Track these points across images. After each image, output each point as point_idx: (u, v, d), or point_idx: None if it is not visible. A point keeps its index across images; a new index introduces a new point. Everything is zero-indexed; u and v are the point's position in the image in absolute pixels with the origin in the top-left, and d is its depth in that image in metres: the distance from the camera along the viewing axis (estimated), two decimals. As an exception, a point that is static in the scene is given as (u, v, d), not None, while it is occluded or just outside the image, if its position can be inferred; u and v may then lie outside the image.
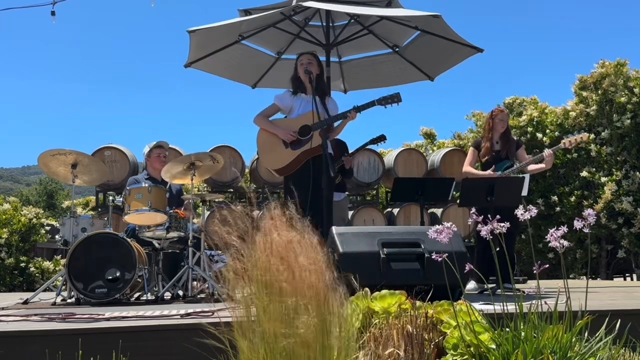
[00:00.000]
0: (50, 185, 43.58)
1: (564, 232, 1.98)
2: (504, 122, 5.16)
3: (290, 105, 4.63)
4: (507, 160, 5.15)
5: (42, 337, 2.45)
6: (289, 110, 4.65)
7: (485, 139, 5.23)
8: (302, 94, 4.63)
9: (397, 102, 4.48)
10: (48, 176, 7.64)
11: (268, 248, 1.77)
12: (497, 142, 5.21)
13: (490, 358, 1.95)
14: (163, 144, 5.40)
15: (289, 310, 1.73)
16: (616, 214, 8.74)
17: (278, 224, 1.81)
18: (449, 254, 2.07)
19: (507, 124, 5.21)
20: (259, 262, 1.77)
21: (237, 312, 1.81)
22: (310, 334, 1.70)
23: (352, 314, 2.16)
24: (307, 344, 1.70)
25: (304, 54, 4.74)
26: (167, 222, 4.57)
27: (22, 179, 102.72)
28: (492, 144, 5.18)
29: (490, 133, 5.20)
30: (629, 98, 8.97)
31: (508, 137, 5.22)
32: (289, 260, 1.75)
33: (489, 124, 5.23)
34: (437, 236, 2.11)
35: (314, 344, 1.71)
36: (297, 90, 4.64)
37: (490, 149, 5.17)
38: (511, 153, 5.17)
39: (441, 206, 8.53)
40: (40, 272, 8.00)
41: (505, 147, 5.16)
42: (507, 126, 5.21)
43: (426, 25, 5.57)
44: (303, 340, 1.70)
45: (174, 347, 2.45)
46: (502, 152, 5.17)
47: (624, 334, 2.11)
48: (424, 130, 13.01)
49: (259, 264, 1.77)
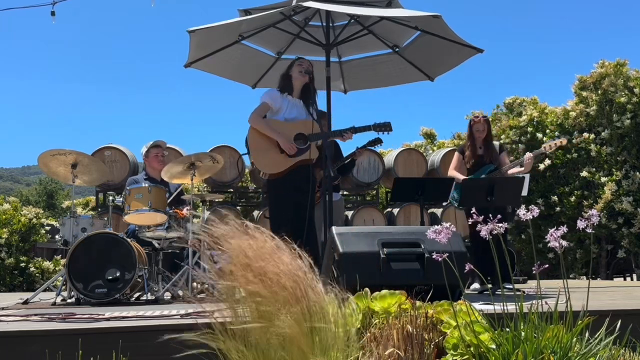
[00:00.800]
0: (50, 185, 43.57)
1: (563, 232, 1.98)
2: (479, 131, 5.37)
3: (279, 105, 4.65)
4: (490, 164, 5.32)
5: (42, 337, 2.45)
6: (277, 110, 4.65)
7: (467, 147, 5.46)
8: (289, 96, 4.66)
9: (388, 131, 4.74)
10: (48, 176, 7.64)
11: (239, 257, 1.81)
12: (480, 148, 5.41)
13: (490, 358, 1.95)
14: (160, 143, 5.40)
15: (266, 311, 1.76)
16: (616, 214, 8.74)
17: (233, 230, 1.85)
18: (449, 254, 2.07)
19: (486, 131, 5.39)
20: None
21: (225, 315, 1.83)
22: (296, 331, 1.72)
23: (352, 314, 2.16)
24: (296, 341, 1.71)
25: (304, 60, 4.80)
26: (167, 222, 4.57)
27: (22, 179, 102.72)
28: (475, 150, 5.40)
29: (469, 141, 5.44)
30: (629, 98, 8.97)
31: (489, 142, 5.40)
32: (251, 266, 1.79)
33: (469, 131, 5.46)
34: (436, 236, 2.11)
35: (304, 341, 1.72)
36: (284, 89, 4.67)
37: (472, 156, 5.38)
38: (494, 158, 5.36)
39: (441, 206, 8.53)
40: (40, 272, 8.00)
41: (488, 153, 5.35)
42: (487, 133, 5.39)
43: (426, 26, 5.56)
44: (291, 337, 1.72)
45: (173, 348, 2.45)
46: (485, 157, 5.36)
47: (625, 334, 2.11)
48: (424, 130, 13.02)
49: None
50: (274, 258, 1.81)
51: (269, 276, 1.77)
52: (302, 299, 1.77)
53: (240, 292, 1.83)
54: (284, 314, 1.75)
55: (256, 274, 1.78)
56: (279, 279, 1.76)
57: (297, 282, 1.78)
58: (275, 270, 1.77)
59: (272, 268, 1.77)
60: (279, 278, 1.77)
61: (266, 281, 1.76)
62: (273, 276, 1.77)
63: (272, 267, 1.78)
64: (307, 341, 1.74)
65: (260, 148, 4.59)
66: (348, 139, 4.66)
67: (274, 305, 1.75)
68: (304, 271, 1.83)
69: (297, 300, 1.76)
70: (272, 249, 1.83)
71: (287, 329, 1.73)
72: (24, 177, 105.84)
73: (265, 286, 1.76)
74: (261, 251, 1.82)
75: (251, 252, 1.81)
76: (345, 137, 4.63)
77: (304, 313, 1.76)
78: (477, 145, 5.38)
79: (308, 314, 1.76)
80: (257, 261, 1.79)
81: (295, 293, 1.76)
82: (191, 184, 4.71)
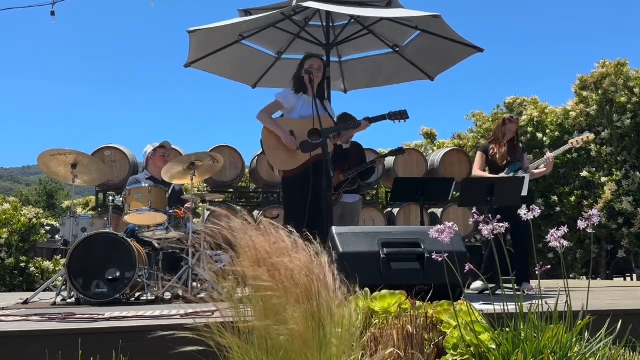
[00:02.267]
0: (50, 185, 43.59)
1: (564, 232, 1.98)
2: (512, 131, 5.34)
3: (292, 104, 4.62)
4: (518, 162, 5.32)
5: (42, 337, 2.45)
6: (291, 109, 4.64)
7: (497, 145, 5.38)
8: (304, 95, 4.63)
9: (404, 119, 4.63)
10: (48, 176, 7.65)
11: (250, 251, 1.80)
12: (509, 147, 5.37)
13: (491, 358, 1.94)
14: (166, 145, 5.44)
15: (276, 308, 1.75)
16: (616, 214, 8.73)
17: (253, 228, 1.85)
18: (449, 254, 2.07)
19: (516, 131, 5.38)
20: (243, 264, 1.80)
21: (229, 313, 1.82)
22: (302, 328, 1.72)
23: (353, 313, 2.16)
24: (301, 338, 1.71)
25: (315, 58, 4.72)
26: (167, 222, 4.57)
27: (22, 179, 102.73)
28: (507, 148, 5.34)
29: (500, 139, 5.37)
30: (629, 98, 8.96)
31: (515, 143, 5.39)
32: (272, 262, 1.78)
33: (501, 130, 5.38)
34: (439, 236, 2.10)
35: (309, 339, 1.72)
36: (299, 89, 4.64)
37: (504, 153, 5.32)
38: (520, 157, 5.37)
39: (441, 206, 8.53)
40: (40, 272, 8.00)
41: (516, 152, 5.35)
42: (516, 133, 5.38)
43: (426, 25, 5.57)
44: (297, 334, 1.72)
45: (173, 347, 2.44)
46: (513, 156, 5.34)
47: (625, 334, 2.11)
48: (425, 130, 13.01)
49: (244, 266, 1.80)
50: (288, 254, 1.80)
51: (282, 272, 1.76)
52: (314, 298, 1.76)
53: (244, 290, 1.82)
54: (293, 310, 1.74)
55: (269, 268, 1.77)
56: (293, 275, 1.76)
57: (312, 280, 1.77)
58: (290, 266, 1.76)
59: (287, 264, 1.76)
60: (292, 274, 1.76)
61: (277, 276, 1.75)
62: (286, 272, 1.76)
63: (288, 262, 1.77)
64: (313, 339, 1.74)
65: (273, 146, 4.56)
66: (363, 129, 4.60)
67: (284, 299, 1.74)
68: (321, 269, 1.82)
69: (309, 298, 1.75)
70: (286, 246, 1.82)
71: (294, 324, 1.72)
72: (24, 177, 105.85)
73: (277, 282, 1.75)
74: (275, 247, 1.81)
75: (266, 247, 1.80)
76: (361, 127, 4.58)
77: (314, 312, 1.75)
78: (508, 143, 5.35)
79: (317, 313, 1.76)
80: (271, 256, 1.78)
81: (308, 290, 1.75)
82: (191, 184, 4.71)
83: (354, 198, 5.47)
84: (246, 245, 1.81)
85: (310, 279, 1.77)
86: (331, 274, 1.83)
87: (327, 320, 1.77)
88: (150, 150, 5.37)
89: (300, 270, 1.77)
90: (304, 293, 1.75)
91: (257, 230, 1.84)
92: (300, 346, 1.73)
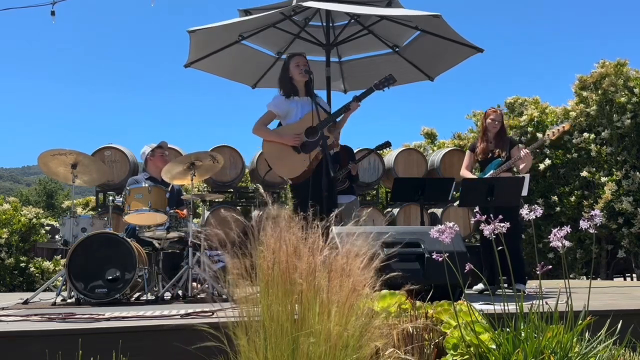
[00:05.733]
0: (50, 185, 43.58)
1: (566, 232, 1.98)
2: (494, 121, 5.19)
3: (286, 110, 4.53)
4: (499, 158, 5.16)
5: (42, 337, 2.45)
6: (285, 115, 4.55)
7: (480, 140, 5.30)
8: (296, 97, 4.54)
9: (392, 84, 4.59)
10: (48, 176, 7.64)
11: (283, 248, 1.83)
12: (491, 142, 5.24)
13: (491, 358, 1.94)
14: (163, 145, 5.43)
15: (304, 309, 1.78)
16: (616, 214, 8.73)
17: (289, 225, 1.88)
18: (450, 254, 2.07)
19: (500, 123, 5.23)
20: (267, 260, 1.82)
21: (239, 312, 1.82)
22: (336, 333, 1.75)
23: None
24: (331, 343, 1.74)
25: (297, 56, 4.64)
26: (167, 222, 4.56)
27: (22, 179, 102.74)
28: (487, 143, 5.24)
29: (482, 133, 5.30)
30: (629, 98, 8.97)
31: (502, 136, 5.24)
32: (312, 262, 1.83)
33: (482, 124, 5.32)
34: (439, 236, 2.10)
35: (338, 343, 1.74)
36: (289, 93, 4.54)
37: (484, 149, 5.23)
38: (506, 152, 5.17)
39: (441, 206, 8.53)
40: (40, 272, 8.00)
41: (499, 146, 5.19)
42: (501, 126, 5.23)
43: (426, 25, 5.56)
44: (325, 337, 1.74)
45: (173, 347, 2.44)
46: (495, 151, 5.20)
47: (626, 334, 2.11)
48: (425, 130, 13.01)
49: (266, 262, 1.81)
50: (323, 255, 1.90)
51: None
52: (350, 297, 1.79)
53: (267, 288, 1.85)
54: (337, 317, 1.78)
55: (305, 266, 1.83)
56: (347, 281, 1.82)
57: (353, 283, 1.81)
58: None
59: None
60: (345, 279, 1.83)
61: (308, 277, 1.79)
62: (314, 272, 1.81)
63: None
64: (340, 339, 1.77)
65: (276, 156, 4.51)
66: (355, 109, 4.51)
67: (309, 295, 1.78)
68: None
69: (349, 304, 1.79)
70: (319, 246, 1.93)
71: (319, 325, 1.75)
72: (24, 177, 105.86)
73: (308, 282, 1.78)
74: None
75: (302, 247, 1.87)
76: (352, 108, 4.49)
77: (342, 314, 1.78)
78: (490, 138, 5.22)
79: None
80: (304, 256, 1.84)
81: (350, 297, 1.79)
82: (191, 184, 4.71)
83: (348, 198, 5.54)
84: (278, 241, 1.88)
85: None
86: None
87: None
88: (148, 151, 5.37)
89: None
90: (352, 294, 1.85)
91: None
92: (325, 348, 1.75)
